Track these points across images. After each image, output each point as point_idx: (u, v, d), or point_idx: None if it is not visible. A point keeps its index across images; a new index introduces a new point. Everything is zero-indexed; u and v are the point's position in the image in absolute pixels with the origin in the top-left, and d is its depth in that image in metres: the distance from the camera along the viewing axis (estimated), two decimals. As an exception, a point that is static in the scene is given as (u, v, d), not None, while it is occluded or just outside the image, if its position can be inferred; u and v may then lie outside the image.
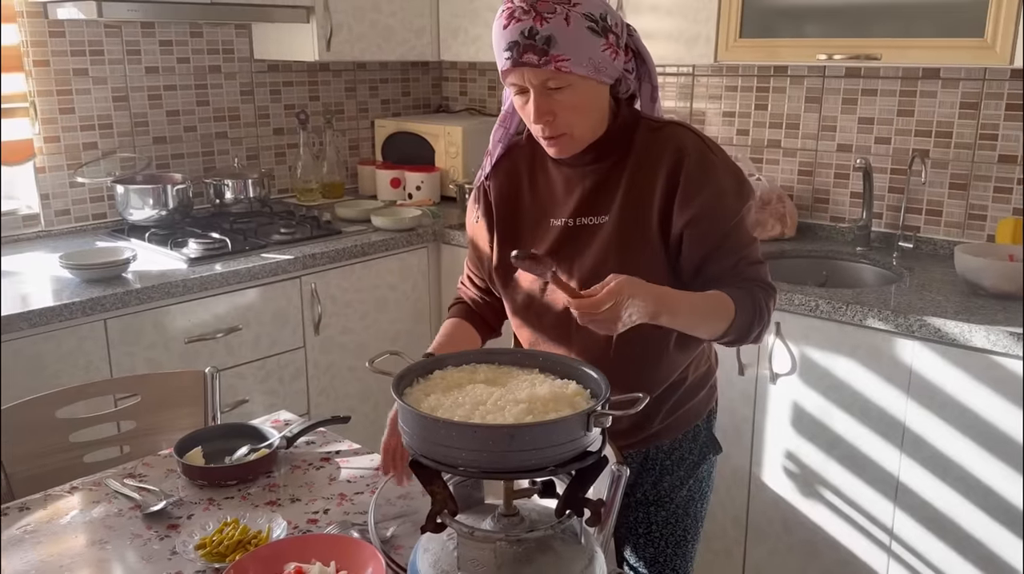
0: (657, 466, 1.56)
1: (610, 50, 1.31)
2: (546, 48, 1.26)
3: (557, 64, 1.26)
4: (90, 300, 2.14)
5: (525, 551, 1.03)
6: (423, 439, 0.98)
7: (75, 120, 2.74)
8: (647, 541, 1.60)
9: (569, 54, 1.26)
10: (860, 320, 2.07)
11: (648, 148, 1.39)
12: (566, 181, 1.45)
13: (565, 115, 1.32)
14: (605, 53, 1.30)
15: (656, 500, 1.58)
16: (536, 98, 1.31)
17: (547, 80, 1.29)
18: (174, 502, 1.48)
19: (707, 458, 1.62)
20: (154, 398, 1.86)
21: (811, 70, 2.73)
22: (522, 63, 1.27)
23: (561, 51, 1.26)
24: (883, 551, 2.16)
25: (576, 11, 1.27)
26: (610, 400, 1.02)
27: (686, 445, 1.58)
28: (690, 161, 1.36)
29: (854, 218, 2.72)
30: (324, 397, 2.73)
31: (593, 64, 1.29)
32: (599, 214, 1.42)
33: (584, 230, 1.42)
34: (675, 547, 1.61)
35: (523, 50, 1.26)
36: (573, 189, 1.44)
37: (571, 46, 1.26)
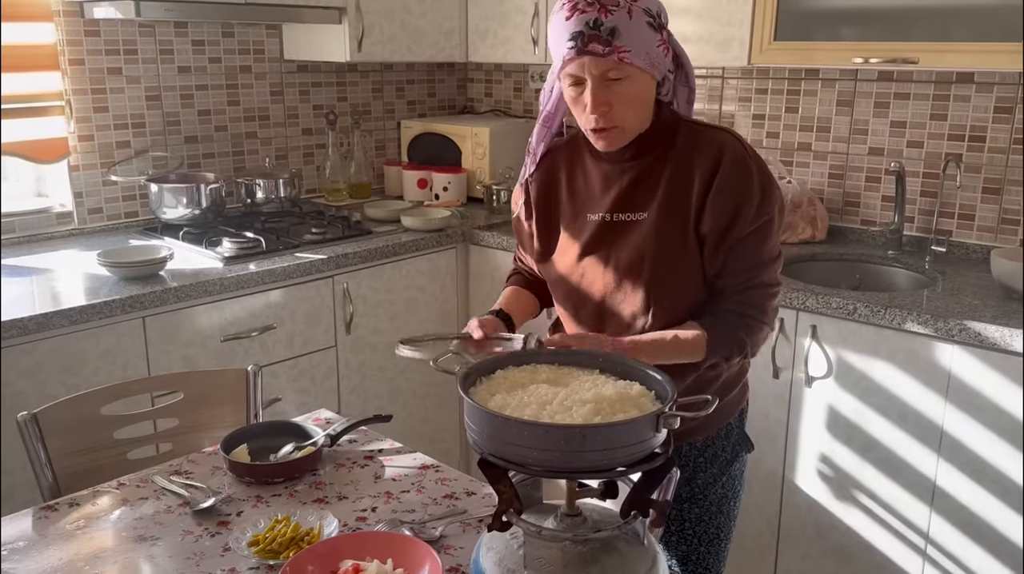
0: (691, 463, 1.59)
1: (663, 46, 1.37)
2: (610, 39, 1.30)
3: (620, 55, 1.31)
4: (129, 298, 2.15)
5: (590, 551, 1.03)
6: (492, 438, 0.99)
7: (109, 119, 2.76)
8: (680, 538, 1.62)
9: (630, 46, 1.31)
10: (899, 324, 2.07)
11: (690, 149, 1.43)
12: (604, 177, 1.49)
13: (620, 107, 1.36)
14: (659, 49, 1.36)
15: (689, 497, 1.60)
16: (594, 89, 1.34)
17: (608, 71, 1.33)
18: (223, 499, 1.49)
19: (740, 456, 1.64)
20: (196, 396, 1.87)
21: (843, 73, 2.73)
22: (587, 52, 1.31)
23: (624, 43, 1.30)
24: (918, 556, 2.15)
25: (637, 6, 1.32)
26: (677, 402, 1.02)
27: (719, 442, 1.60)
28: (726, 164, 1.40)
29: (885, 222, 2.71)
30: (355, 396, 2.74)
31: (650, 58, 1.34)
32: (637, 211, 1.46)
33: (622, 225, 1.46)
34: (708, 545, 1.63)
35: (588, 40, 1.30)
36: (611, 185, 1.48)
37: (633, 39, 1.31)
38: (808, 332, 2.22)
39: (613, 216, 1.47)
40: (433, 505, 1.50)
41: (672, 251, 1.43)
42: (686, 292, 1.45)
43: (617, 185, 1.47)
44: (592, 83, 1.34)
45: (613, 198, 1.47)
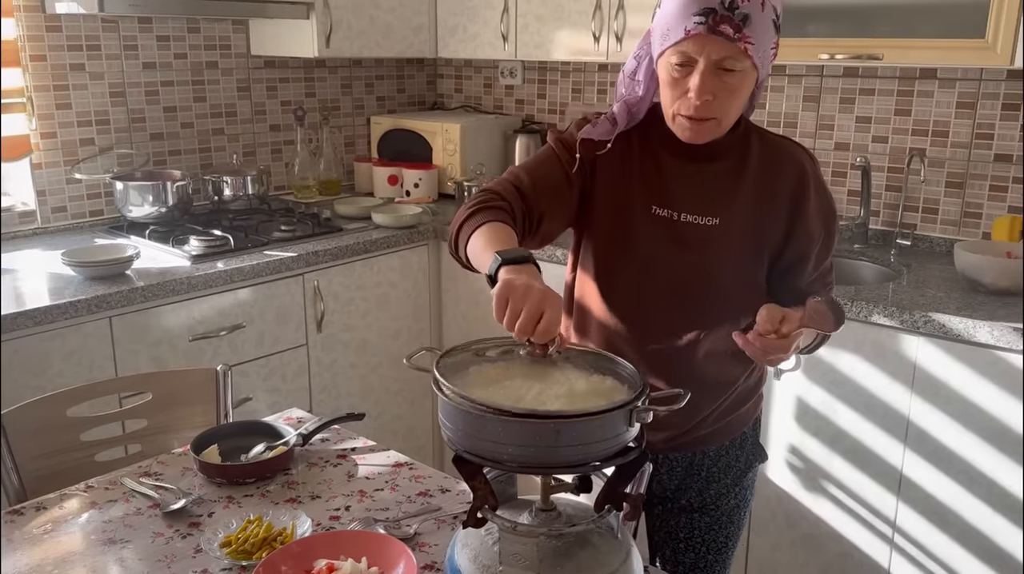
0: (703, 472, 1.54)
1: (775, 49, 1.29)
2: (741, 25, 1.21)
3: (746, 44, 1.22)
4: (95, 298, 2.12)
5: (565, 545, 1.04)
6: (467, 434, 0.99)
7: (72, 116, 2.71)
8: (688, 546, 1.58)
9: (756, 39, 1.23)
10: (865, 316, 2.10)
11: (767, 160, 1.38)
12: (677, 174, 1.39)
13: (723, 98, 1.27)
14: (772, 51, 1.28)
15: (701, 507, 1.56)
16: (705, 74, 1.24)
17: (726, 58, 1.23)
18: (194, 500, 1.48)
19: (753, 466, 1.60)
20: (165, 396, 1.84)
21: (809, 69, 2.76)
22: (718, 32, 1.21)
23: (751, 33, 1.22)
24: (886, 544, 2.19)
25: (770, 1, 1.24)
26: (650, 396, 1.03)
27: (733, 452, 1.56)
28: (812, 189, 1.39)
29: (851, 215, 2.75)
30: (326, 395, 2.73)
31: (763, 57, 1.26)
32: (709, 215, 1.37)
33: (691, 227, 1.37)
34: (716, 553, 1.59)
35: (720, 19, 1.20)
36: (684, 183, 1.38)
37: (759, 31, 1.23)
38: (777, 325, 2.24)
39: (683, 216, 1.37)
40: (407, 503, 1.49)
41: (741, 264, 1.38)
42: (744, 307, 1.34)
43: (691, 184, 1.38)
44: (704, 68, 1.24)
45: (685, 197, 1.37)
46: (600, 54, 2.80)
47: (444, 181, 3.29)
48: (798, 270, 1.42)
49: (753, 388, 1.56)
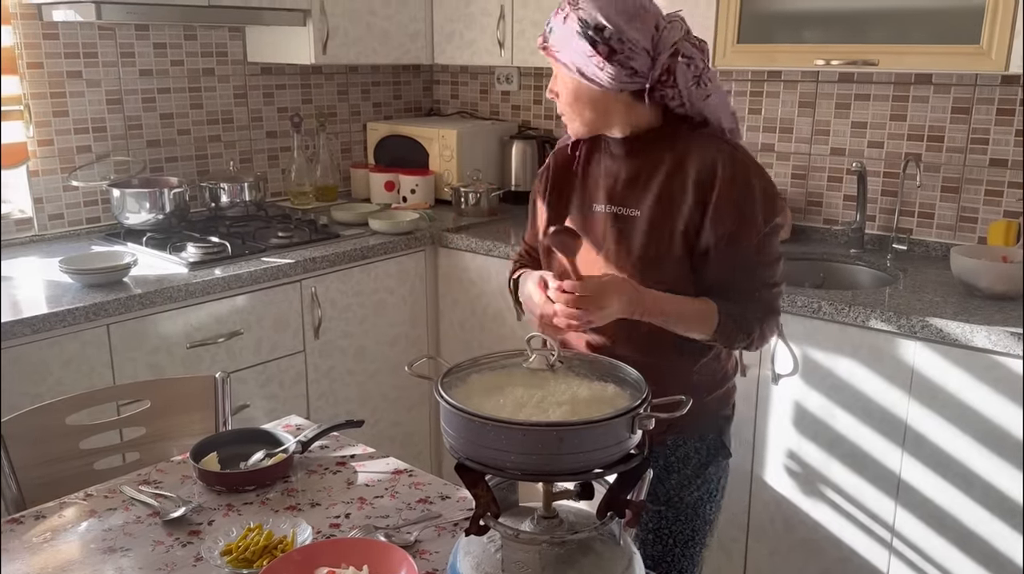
0: (661, 461, 1.62)
1: (597, 59, 1.41)
2: (548, 36, 1.47)
3: (551, 53, 1.47)
4: (93, 305, 2.11)
5: (568, 553, 1.04)
6: (470, 442, 0.99)
7: (69, 123, 2.71)
8: (656, 538, 1.65)
9: (559, 47, 1.45)
10: (862, 321, 2.10)
11: (686, 154, 1.48)
12: (606, 170, 1.56)
13: (564, 97, 1.50)
14: (591, 59, 1.42)
15: (666, 499, 1.63)
16: (554, 77, 1.51)
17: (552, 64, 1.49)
18: (193, 508, 1.47)
19: (715, 461, 1.66)
20: (163, 404, 1.84)
21: (805, 75, 2.77)
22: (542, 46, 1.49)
23: (553, 43, 1.46)
24: (884, 549, 2.20)
25: (574, 14, 1.42)
26: (652, 402, 1.03)
27: (691, 444, 1.63)
28: (721, 181, 1.44)
29: (847, 220, 2.76)
30: (324, 401, 2.72)
31: (576, 65, 1.44)
32: (630, 207, 1.52)
33: (619, 219, 1.53)
34: (683, 547, 1.66)
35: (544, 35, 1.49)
36: (611, 178, 1.55)
37: (560, 41, 1.45)
38: (775, 330, 2.25)
39: (609, 208, 1.54)
40: (407, 510, 1.49)
41: (660, 252, 1.48)
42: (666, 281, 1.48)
43: (615, 179, 1.54)
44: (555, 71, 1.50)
45: (610, 191, 1.54)
46: (596, 60, 2.80)
47: (441, 187, 3.30)
48: (717, 261, 1.48)
49: (711, 385, 1.61)
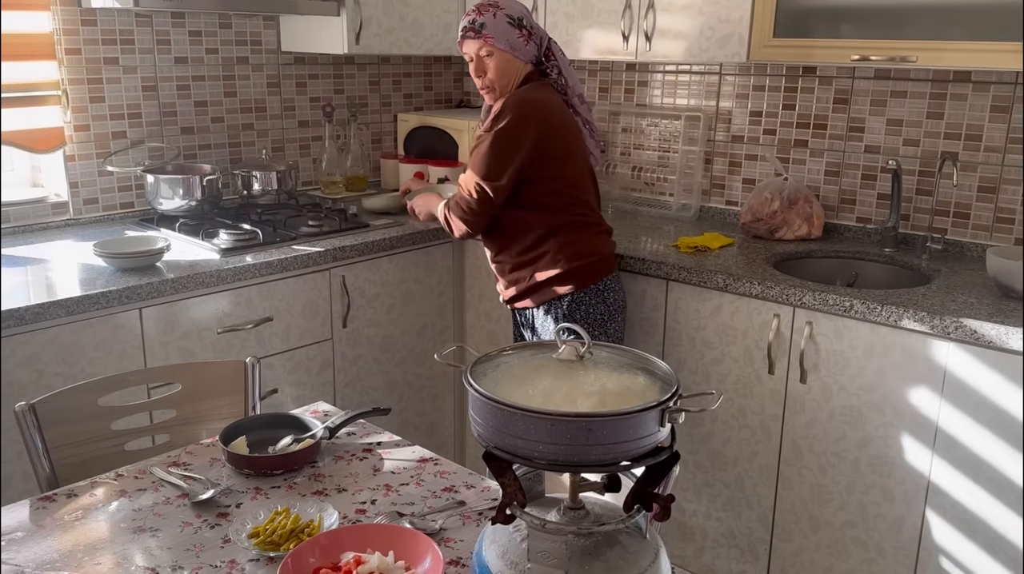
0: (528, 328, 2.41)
1: (522, 38, 2.22)
2: (480, 30, 2.20)
3: (486, 39, 2.19)
4: (126, 289, 2.14)
5: (594, 544, 1.04)
6: (498, 430, 0.99)
7: (105, 109, 2.74)
8: None
9: (494, 34, 2.19)
10: (895, 321, 2.08)
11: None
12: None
13: (491, 73, 2.24)
14: (519, 39, 2.21)
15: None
16: (476, 62, 2.25)
17: (480, 49, 2.22)
18: (222, 491, 1.49)
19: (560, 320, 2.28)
20: (194, 387, 1.86)
21: (840, 71, 2.73)
22: (466, 38, 2.23)
23: (490, 32, 2.19)
24: (912, 551, 2.17)
25: (502, 12, 2.21)
26: (681, 396, 1.02)
27: (541, 316, 2.34)
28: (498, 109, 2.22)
29: (881, 219, 2.73)
30: (350, 389, 2.74)
31: (509, 43, 2.20)
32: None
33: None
34: None
35: (464, 32, 2.23)
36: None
37: (495, 30, 2.20)
38: (804, 329, 2.23)
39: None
40: (432, 498, 1.50)
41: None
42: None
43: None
44: (475, 59, 2.24)
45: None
46: (629, 53, 2.79)
47: (470, 179, 3.29)
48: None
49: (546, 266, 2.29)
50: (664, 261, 2.48)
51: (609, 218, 3.08)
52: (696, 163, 3.08)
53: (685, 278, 2.43)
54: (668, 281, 2.49)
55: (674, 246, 2.65)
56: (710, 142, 3.06)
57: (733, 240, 2.74)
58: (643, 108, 3.21)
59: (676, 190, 3.12)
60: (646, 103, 3.20)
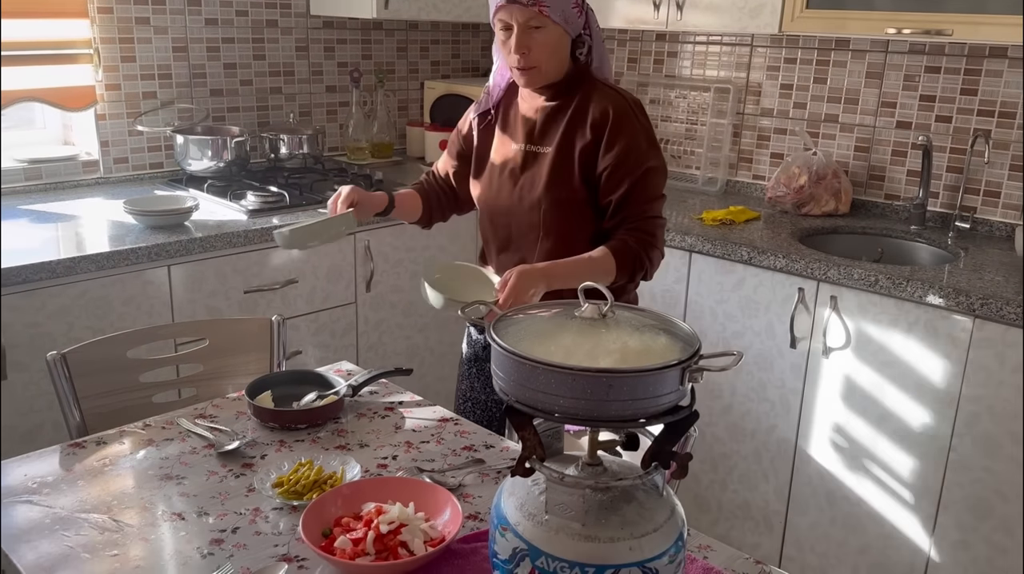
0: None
1: (577, 9, 1.69)
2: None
3: (540, 7, 1.63)
4: (155, 246, 2.17)
5: (611, 499, 1.05)
6: (520, 385, 1.00)
7: (136, 69, 2.77)
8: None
9: (549, 3, 1.64)
10: (920, 297, 2.06)
11: (587, 100, 1.72)
12: (525, 115, 1.79)
13: (538, 51, 1.67)
14: (574, 10, 1.69)
15: None
16: (519, 34, 1.65)
17: (530, 19, 1.64)
18: (247, 442, 1.52)
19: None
20: (221, 343, 1.89)
21: (874, 44, 2.70)
22: (515, 2, 1.63)
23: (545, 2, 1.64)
24: (928, 528, 2.17)
25: None
26: (703, 356, 1.03)
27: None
28: (613, 117, 1.69)
29: (909, 196, 2.70)
30: (373, 353, 2.77)
31: (564, 15, 1.66)
32: (546, 145, 1.75)
33: (534, 156, 1.77)
34: None
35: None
36: (529, 121, 1.77)
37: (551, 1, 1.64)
38: (828, 303, 2.22)
39: (527, 147, 1.77)
40: (452, 456, 1.52)
41: (563, 181, 1.72)
42: (574, 218, 1.75)
43: (533, 121, 1.77)
44: (518, 29, 1.65)
45: (528, 131, 1.77)
46: (659, 23, 2.77)
47: (496, 147, 3.29)
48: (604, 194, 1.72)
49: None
50: (688, 233, 2.47)
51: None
52: (724, 136, 3.06)
53: (709, 251, 2.42)
54: (691, 253, 2.48)
55: (699, 219, 2.64)
56: (739, 115, 3.04)
57: (759, 214, 2.73)
58: (672, 79, 3.18)
59: (703, 163, 3.11)
60: (675, 74, 3.18)
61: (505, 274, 1.61)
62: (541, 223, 1.76)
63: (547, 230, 1.76)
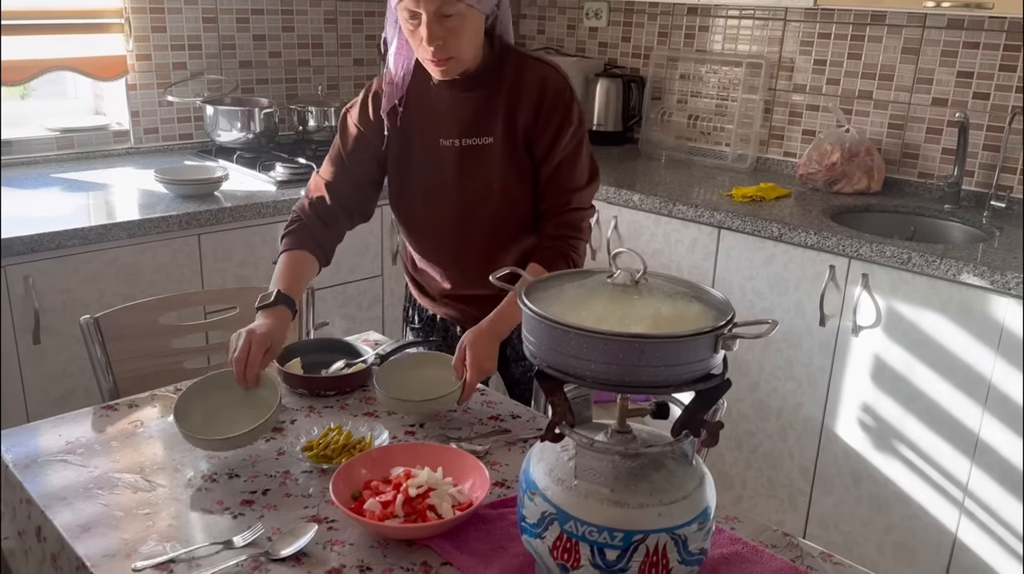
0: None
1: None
2: None
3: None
4: (186, 215, 2.19)
5: (640, 466, 1.05)
6: (551, 349, 1.00)
7: (166, 39, 2.78)
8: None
9: None
10: (953, 275, 2.03)
11: (520, 80, 1.59)
12: (449, 105, 1.61)
13: (453, 40, 1.48)
14: None
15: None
16: (429, 24, 1.46)
17: (441, 6, 1.45)
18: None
19: None
20: (250, 310, 1.89)
21: (910, 19, 2.64)
22: None
23: None
24: (956, 508, 2.15)
25: None
26: (737, 323, 1.02)
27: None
28: (550, 91, 1.58)
29: (943, 175, 2.66)
30: (397, 325, 2.78)
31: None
32: (483, 135, 1.61)
33: (473, 150, 1.61)
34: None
35: None
36: (457, 112, 1.61)
37: None
38: (859, 280, 2.20)
39: (463, 141, 1.61)
40: (479, 425, 1.53)
41: (515, 168, 1.61)
42: (524, 206, 1.65)
43: (462, 112, 1.60)
44: (427, 19, 1.45)
45: (460, 124, 1.61)
46: (691, -4, 2.73)
47: (523, 122, 3.27)
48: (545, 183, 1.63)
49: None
50: (717, 209, 2.45)
51: (661, 167, 3.06)
52: (755, 112, 3.02)
53: (738, 227, 2.40)
54: (720, 229, 2.46)
55: (728, 195, 2.62)
56: (770, 91, 3.00)
57: (790, 191, 2.70)
58: (703, 54, 3.15)
59: (733, 139, 3.07)
60: (706, 49, 3.14)
61: (458, 349, 1.52)
62: (494, 222, 1.64)
63: (500, 227, 1.65)
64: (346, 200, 1.70)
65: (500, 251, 1.68)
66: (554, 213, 1.65)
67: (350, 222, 1.74)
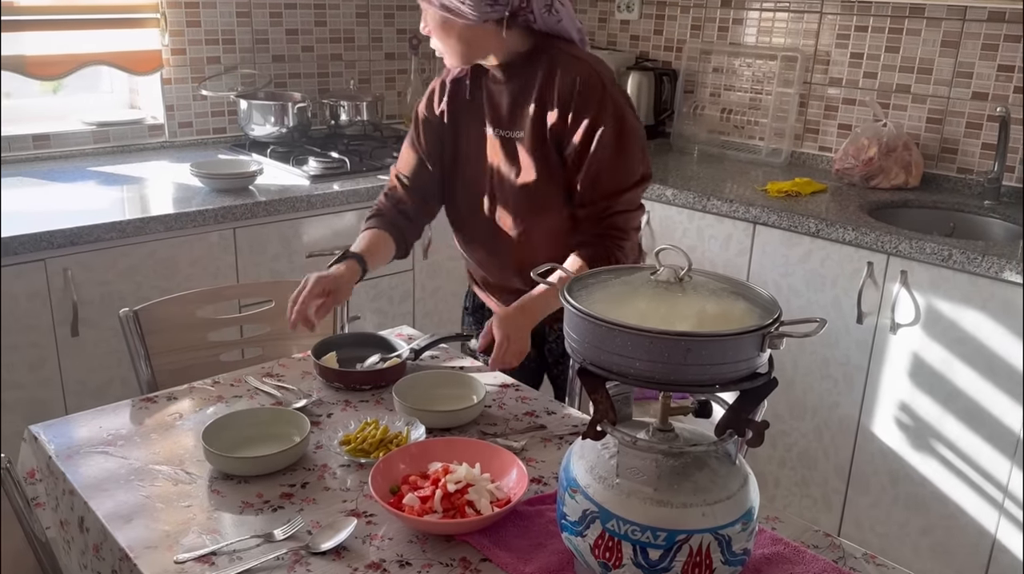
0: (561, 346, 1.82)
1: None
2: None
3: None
4: (222, 208, 2.20)
5: (683, 465, 1.03)
6: (595, 347, 0.99)
7: (200, 34, 2.79)
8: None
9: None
10: (995, 272, 2.00)
11: (551, 76, 1.59)
12: (490, 96, 1.66)
13: (437, 34, 1.58)
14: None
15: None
16: (424, 14, 1.58)
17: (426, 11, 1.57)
18: (314, 401, 1.54)
19: None
20: (286, 305, 1.90)
21: (950, 11, 2.60)
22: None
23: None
24: (995, 509, 2.12)
25: None
26: (783, 322, 1.00)
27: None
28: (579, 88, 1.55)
29: (983, 170, 2.61)
30: (428, 320, 2.78)
31: (446, 7, 1.51)
32: (516, 129, 1.64)
33: (508, 142, 1.65)
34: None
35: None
36: (495, 104, 1.66)
37: None
38: (898, 277, 2.17)
39: (501, 132, 1.65)
40: (515, 421, 1.52)
41: (542, 164, 1.61)
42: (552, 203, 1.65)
43: (500, 103, 1.65)
44: (423, 13, 1.58)
45: (496, 116, 1.66)
46: (726, -11, 2.70)
47: (555, 116, 3.26)
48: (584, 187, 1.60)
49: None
50: (752, 204, 2.42)
51: (694, 161, 3.03)
52: (790, 106, 2.98)
53: (774, 222, 2.37)
54: (755, 225, 2.44)
55: (763, 190, 2.59)
56: (806, 84, 2.96)
57: (825, 186, 2.66)
58: (736, 47, 3.11)
59: (767, 134, 3.04)
60: (740, 42, 3.11)
61: (487, 327, 1.57)
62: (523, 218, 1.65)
63: (531, 225, 1.66)
64: (420, 187, 1.78)
65: (531, 249, 1.67)
66: (595, 219, 1.61)
67: (426, 207, 1.80)
